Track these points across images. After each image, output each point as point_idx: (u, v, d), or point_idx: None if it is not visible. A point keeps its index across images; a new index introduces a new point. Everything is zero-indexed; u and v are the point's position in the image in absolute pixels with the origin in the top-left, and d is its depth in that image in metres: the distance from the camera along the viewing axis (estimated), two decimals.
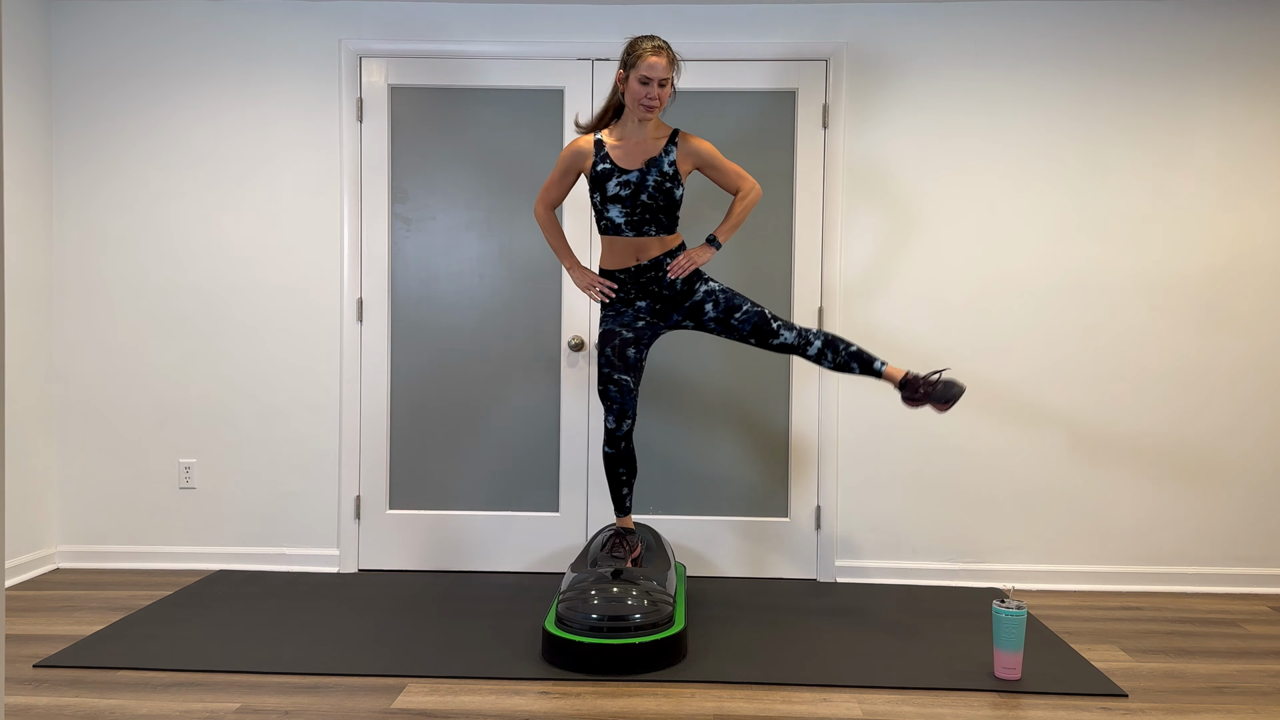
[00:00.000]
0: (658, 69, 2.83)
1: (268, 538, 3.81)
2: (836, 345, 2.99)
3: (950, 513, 3.71)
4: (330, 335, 3.77)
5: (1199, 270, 3.65)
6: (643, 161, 2.95)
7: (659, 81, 2.85)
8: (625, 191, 2.95)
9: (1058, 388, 3.68)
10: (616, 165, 2.96)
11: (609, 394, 3.05)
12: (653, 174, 2.94)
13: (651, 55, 2.83)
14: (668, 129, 3.01)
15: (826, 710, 2.48)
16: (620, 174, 2.95)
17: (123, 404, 3.80)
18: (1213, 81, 3.62)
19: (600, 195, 2.98)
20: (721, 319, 3.00)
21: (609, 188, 2.96)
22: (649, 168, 2.94)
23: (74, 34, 3.74)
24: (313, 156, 3.74)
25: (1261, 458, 3.66)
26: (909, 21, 3.65)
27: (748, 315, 2.98)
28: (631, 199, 2.95)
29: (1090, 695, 2.59)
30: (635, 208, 2.96)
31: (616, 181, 2.95)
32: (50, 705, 2.46)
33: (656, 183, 2.94)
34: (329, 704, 2.48)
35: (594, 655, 2.68)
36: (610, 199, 2.97)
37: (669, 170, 2.95)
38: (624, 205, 2.96)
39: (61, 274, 3.79)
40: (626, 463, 3.13)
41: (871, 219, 3.69)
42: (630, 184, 2.94)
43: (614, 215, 2.98)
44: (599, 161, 2.97)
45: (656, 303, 3.04)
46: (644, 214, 2.97)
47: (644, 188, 2.94)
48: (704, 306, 3.00)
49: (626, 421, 3.06)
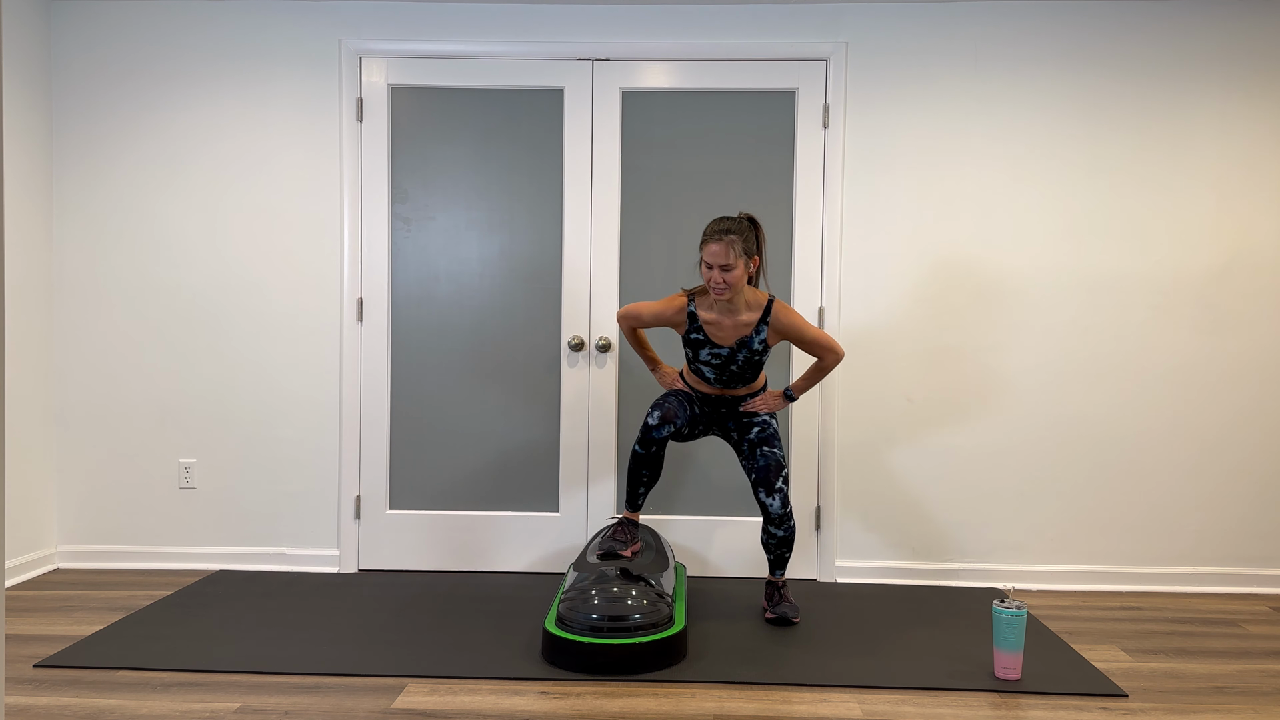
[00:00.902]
0: (716, 256, 2.88)
1: (268, 538, 3.81)
2: (785, 544, 3.13)
3: (950, 513, 3.71)
4: (330, 335, 3.77)
5: (1199, 270, 3.65)
6: (735, 340, 3.04)
7: (720, 268, 2.89)
8: (716, 361, 3.09)
9: (1058, 387, 3.68)
10: (709, 339, 3.05)
11: (667, 399, 3.09)
12: (743, 352, 3.05)
13: (712, 242, 2.89)
14: (762, 301, 3.03)
15: (826, 710, 2.48)
16: (713, 347, 3.06)
17: (123, 404, 3.80)
18: (1213, 81, 3.62)
19: (692, 353, 3.11)
20: (755, 443, 3.13)
21: (701, 354, 3.09)
22: (740, 348, 3.04)
23: (74, 34, 3.74)
24: (313, 156, 3.74)
25: (1261, 457, 3.66)
26: (909, 21, 3.65)
27: (772, 457, 3.09)
28: (722, 368, 3.10)
29: (1090, 695, 2.59)
30: (724, 373, 3.10)
31: (709, 352, 3.07)
32: (50, 705, 2.46)
33: (746, 358, 3.06)
34: (329, 704, 2.48)
35: (594, 655, 2.68)
36: (702, 362, 3.11)
37: (759, 348, 3.05)
38: (714, 370, 3.10)
39: (61, 274, 3.79)
40: (653, 467, 3.13)
41: (871, 219, 3.68)
42: (721, 357, 3.07)
43: (704, 371, 3.13)
44: (692, 331, 3.08)
45: (724, 408, 3.21)
46: (732, 378, 3.12)
47: (734, 361, 3.07)
48: (753, 425, 3.16)
49: (668, 427, 3.03)
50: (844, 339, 3.68)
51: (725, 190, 3.69)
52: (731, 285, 2.91)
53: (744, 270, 2.93)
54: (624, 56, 3.68)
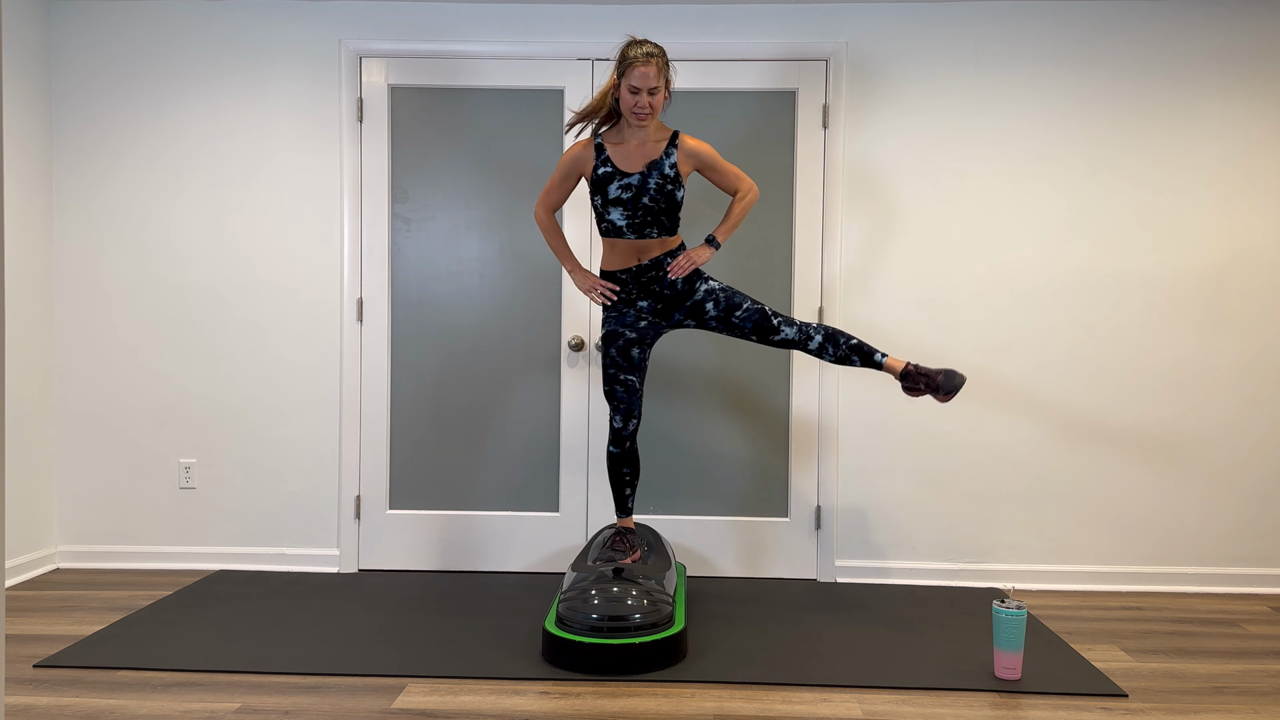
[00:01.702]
0: (647, 78, 2.82)
1: (268, 538, 3.81)
2: (837, 339, 2.98)
3: (950, 512, 3.71)
4: (330, 335, 3.77)
5: (1199, 270, 3.65)
6: (644, 164, 2.96)
7: (649, 90, 2.84)
8: (627, 195, 2.95)
9: (1057, 387, 3.68)
10: (618, 169, 2.96)
11: (615, 394, 3.06)
12: (654, 177, 2.94)
13: (640, 64, 2.82)
14: (668, 131, 3.01)
15: (826, 710, 2.48)
16: (621, 177, 2.95)
17: (123, 404, 3.80)
18: (1213, 81, 3.62)
19: (602, 198, 2.99)
20: (722, 317, 3.00)
21: (610, 191, 2.96)
22: (650, 170, 2.95)
23: (74, 34, 3.74)
24: (313, 156, 3.74)
25: (1261, 457, 3.66)
26: (909, 21, 3.65)
27: (748, 313, 2.99)
28: (633, 202, 2.95)
29: (1090, 695, 2.59)
30: (637, 210, 2.96)
31: (618, 185, 2.95)
32: (50, 705, 2.46)
33: (658, 185, 2.94)
34: (329, 704, 2.48)
35: (594, 655, 2.68)
36: (612, 202, 2.97)
37: (670, 173, 2.95)
38: (626, 208, 2.97)
39: (61, 274, 3.79)
40: (631, 463, 3.14)
41: (871, 218, 3.69)
42: (632, 187, 2.95)
43: (615, 218, 2.99)
44: (600, 165, 2.98)
45: (658, 302, 3.05)
46: (645, 216, 2.97)
47: (645, 190, 2.94)
48: (705, 305, 3.01)
49: (633, 421, 3.08)
50: None
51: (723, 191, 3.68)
52: (654, 110, 2.88)
53: (664, 95, 2.89)
54: None
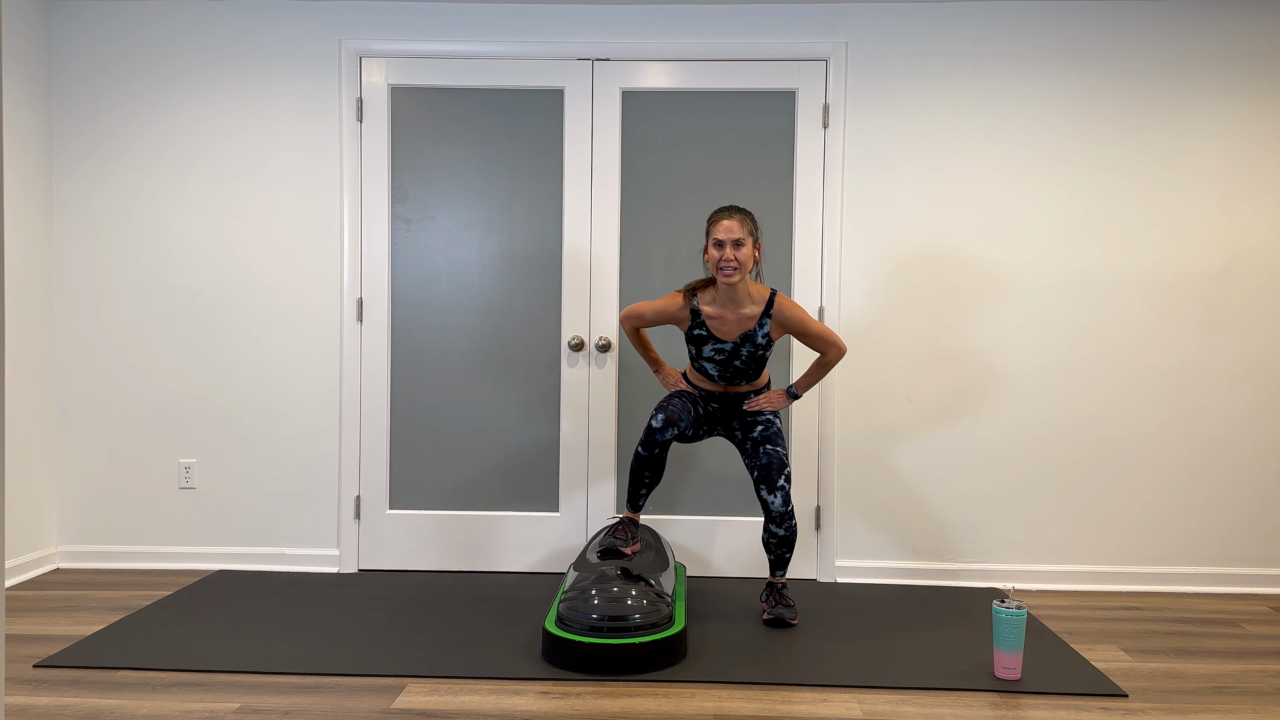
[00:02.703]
0: (731, 230, 2.91)
1: (268, 538, 3.81)
2: (785, 544, 3.12)
3: (950, 512, 3.71)
4: (330, 335, 3.77)
5: (1199, 270, 3.65)
6: (738, 335, 3.04)
7: (733, 243, 2.91)
8: (720, 357, 3.08)
9: (1058, 387, 3.68)
10: (712, 334, 3.05)
11: (671, 402, 3.07)
12: (746, 346, 3.04)
13: (724, 218, 2.94)
14: (765, 294, 3.04)
15: (826, 710, 2.48)
16: (716, 342, 3.05)
17: (123, 404, 3.80)
18: (1213, 81, 3.62)
19: (695, 350, 3.10)
20: (759, 440, 3.11)
21: (704, 350, 3.08)
22: (744, 342, 3.04)
23: (74, 34, 3.74)
24: (313, 157, 3.74)
25: (1261, 457, 3.66)
26: (909, 21, 3.65)
27: (775, 455, 3.08)
28: (725, 364, 3.08)
29: (1090, 695, 2.59)
30: (728, 370, 3.09)
31: (712, 348, 3.07)
32: (50, 705, 2.46)
33: (750, 353, 3.06)
34: (329, 704, 2.48)
35: (594, 655, 2.68)
36: (705, 359, 3.10)
37: (762, 342, 3.04)
38: (717, 365, 3.09)
39: (61, 274, 3.79)
40: (655, 469, 3.14)
41: (871, 219, 3.69)
42: (724, 352, 3.06)
43: (707, 368, 3.12)
44: (695, 326, 3.07)
45: (730, 407, 3.19)
46: (735, 374, 3.11)
47: (738, 356, 3.06)
48: (758, 424, 3.14)
49: (672, 430, 3.02)
50: (844, 339, 3.68)
51: (725, 190, 3.69)
52: (742, 265, 2.92)
53: (752, 251, 2.95)
54: (624, 56, 3.68)
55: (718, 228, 2.94)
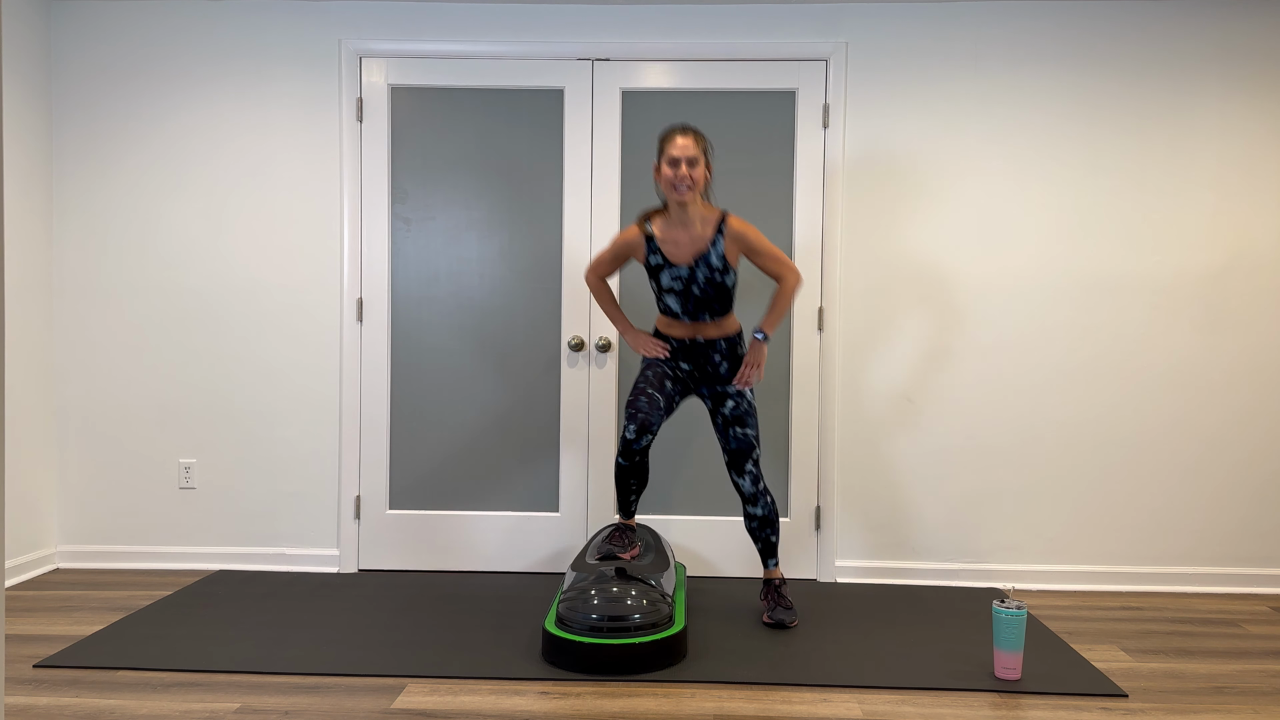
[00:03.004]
0: (686, 148, 2.90)
1: (268, 538, 3.81)
2: (770, 524, 3.14)
3: (950, 512, 3.71)
4: (330, 335, 3.77)
5: (1199, 270, 3.65)
6: (692, 256, 3.02)
7: (687, 161, 2.90)
8: (679, 286, 3.04)
9: (1057, 387, 3.68)
10: (668, 260, 3.03)
11: (638, 403, 3.01)
12: (701, 269, 3.01)
13: (678, 135, 2.92)
14: (715, 214, 3.04)
15: (826, 710, 2.48)
16: (672, 268, 3.03)
17: (123, 404, 3.80)
18: (1213, 81, 3.62)
19: (656, 285, 3.09)
20: (729, 420, 3.09)
21: (663, 280, 3.06)
22: (698, 264, 3.01)
23: (74, 34, 3.74)
24: (313, 156, 3.74)
25: (1261, 457, 3.66)
26: (909, 21, 3.65)
27: (744, 439, 3.08)
28: (685, 293, 3.05)
29: (1090, 695, 2.59)
30: (689, 300, 3.05)
31: (669, 276, 3.04)
32: (50, 705, 2.46)
33: (707, 277, 3.02)
34: (329, 704, 2.48)
35: (594, 655, 2.68)
36: (666, 290, 3.07)
37: (717, 264, 3.01)
38: (679, 297, 3.06)
39: (61, 274, 3.79)
40: (639, 475, 3.13)
41: (871, 219, 3.69)
42: (682, 279, 3.03)
43: (671, 303, 3.09)
44: (650, 254, 3.06)
45: (698, 371, 3.15)
46: (698, 305, 3.06)
47: (695, 282, 3.02)
48: (727, 401, 3.11)
49: (647, 436, 3.00)
50: (844, 339, 3.68)
51: (725, 190, 3.69)
52: (696, 183, 2.93)
53: (704, 170, 2.95)
54: (624, 56, 3.68)
55: (672, 145, 2.91)
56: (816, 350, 3.70)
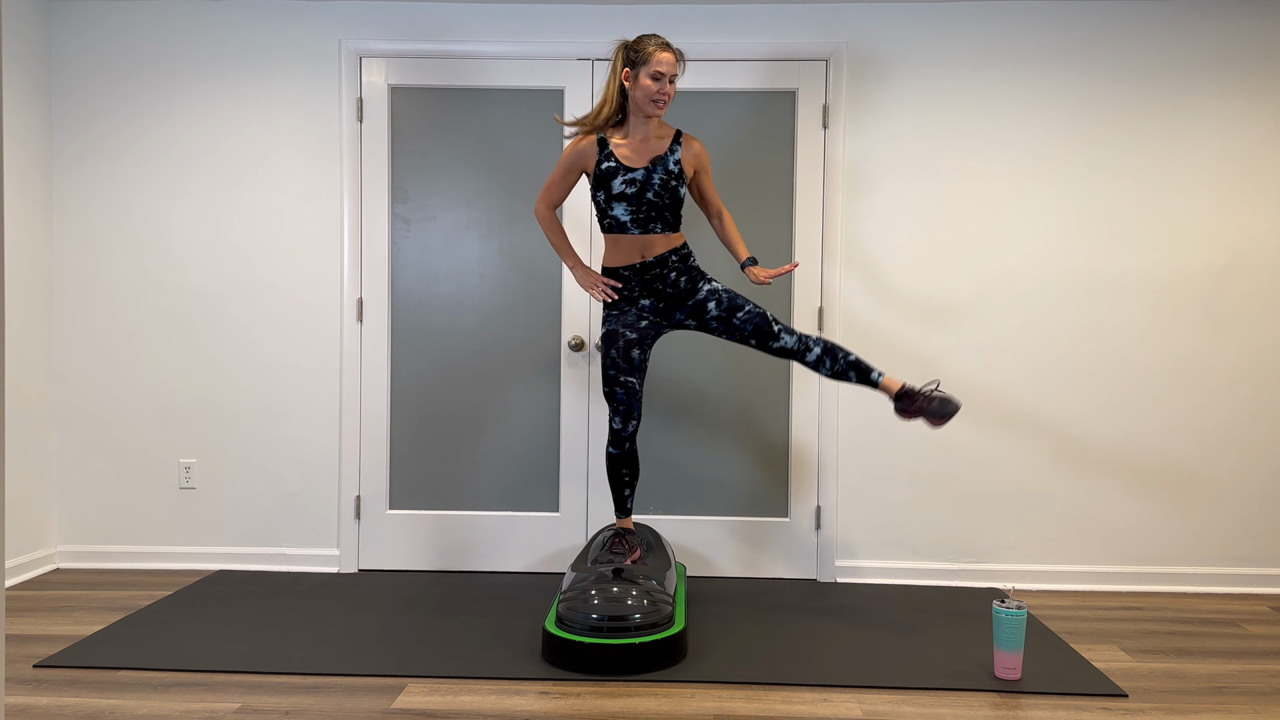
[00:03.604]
0: (670, 65, 2.90)
1: (268, 538, 3.81)
2: (835, 353, 2.98)
3: (950, 513, 3.71)
4: (330, 335, 3.77)
5: (1199, 270, 3.65)
6: (649, 160, 2.98)
7: (670, 77, 2.91)
8: (631, 190, 2.96)
9: (1057, 387, 3.68)
10: (622, 164, 2.98)
11: (615, 395, 3.05)
12: (658, 172, 2.96)
13: (662, 51, 2.89)
14: (670, 129, 3.05)
15: (826, 710, 2.48)
16: (626, 172, 2.97)
17: (123, 404, 3.80)
18: (1213, 81, 3.62)
19: (605, 193, 3.00)
20: (724, 318, 3.00)
21: (614, 186, 2.98)
22: (655, 165, 2.97)
23: (74, 34, 3.74)
24: (313, 156, 3.74)
25: (1262, 458, 3.66)
26: (909, 21, 3.65)
27: (749, 315, 2.98)
28: (638, 197, 2.97)
29: (1090, 695, 2.59)
30: (641, 205, 2.98)
31: (622, 179, 2.97)
32: (50, 705, 2.46)
33: (663, 180, 2.97)
34: (329, 704, 2.48)
35: (594, 655, 2.68)
36: (615, 197, 2.98)
37: (674, 169, 2.98)
38: (630, 203, 2.98)
39: (61, 274, 3.79)
40: (630, 464, 3.13)
41: (871, 219, 3.68)
42: (636, 182, 2.96)
43: (619, 213, 3.00)
44: (603, 159, 2.99)
45: (660, 301, 3.05)
46: (650, 211, 2.99)
47: (650, 185, 2.96)
48: (707, 305, 3.01)
49: (632, 422, 3.06)
50: (843, 339, 3.68)
51: (725, 190, 3.68)
52: (669, 99, 2.94)
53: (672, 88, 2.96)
54: None
55: (658, 60, 2.88)
56: None
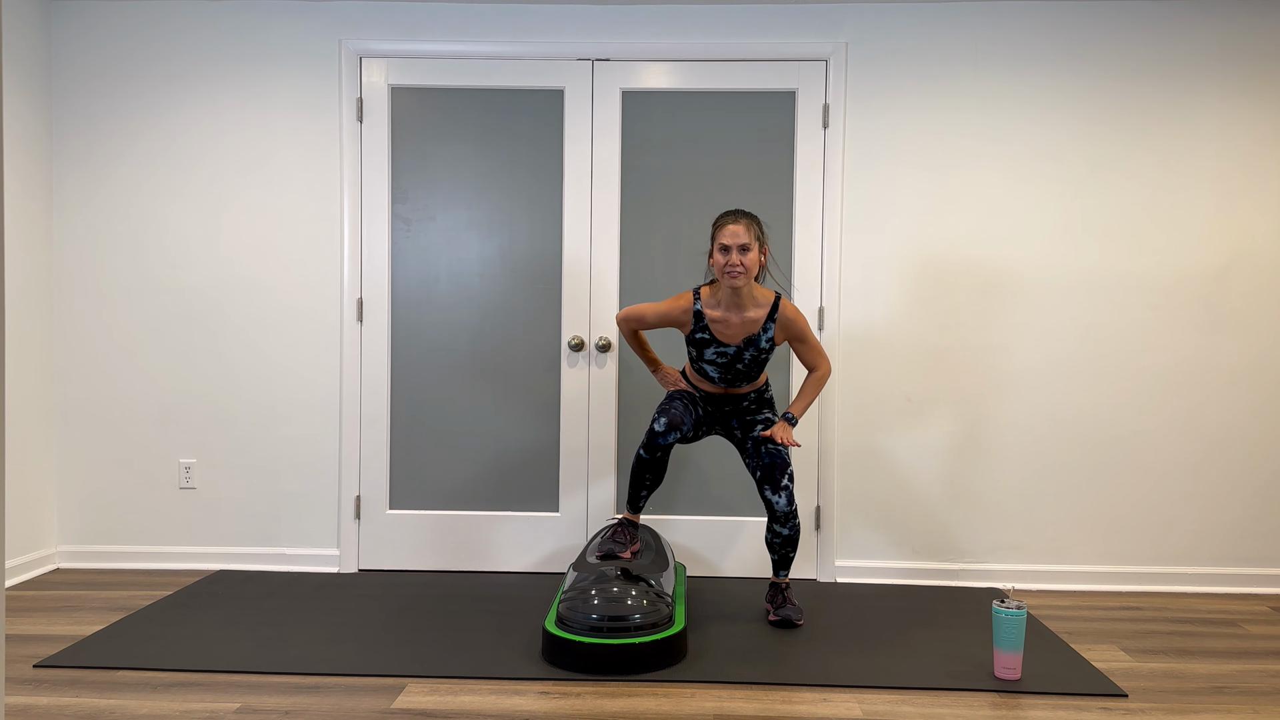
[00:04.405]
0: (737, 235, 2.89)
1: (268, 538, 3.81)
2: (789, 543, 3.11)
3: (950, 513, 3.71)
4: (330, 335, 3.77)
5: (1199, 270, 3.65)
6: (741, 338, 3.03)
7: (739, 248, 2.89)
8: (722, 360, 3.06)
9: (1058, 386, 3.68)
10: (715, 338, 3.04)
11: (673, 403, 3.07)
12: (750, 351, 3.03)
13: (729, 223, 2.92)
14: (770, 297, 3.04)
15: (826, 710, 2.48)
16: (719, 345, 3.04)
17: (123, 404, 3.80)
18: (1213, 81, 3.62)
19: (697, 351, 3.08)
20: (759, 440, 3.10)
21: (706, 354, 3.07)
22: (746, 346, 3.03)
23: (74, 34, 3.74)
24: (313, 157, 3.74)
25: (1261, 457, 3.66)
26: (909, 21, 3.65)
27: (777, 451, 3.07)
28: (728, 366, 3.07)
29: (1090, 695, 2.59)
30: (729, 372, 3.08)
31: (714, 351, 3.05)
32: (50, 705, 2.46)
33: (753, 356, 3.05)
34: (329, 704, 2.48)
35: (594, 655, 2.68)
36: (707, 361, 3.08)
37: (765, 346, 3.04)
38: (719, 368, 3.08)
39: (61, 274, 3.79)
40: (656, 472, 3.14)
41: (871, 219, 3.69)
42: (727, 355, 3.05)
43: (708, 370, 3.11)
44: (698, 330, 3.05)
45: (728, 407, 3.20)
46: (736, 376, 3.10)
47: (740, 360, 3.05)
48: (756, 424, 3.14)
49: (675, 433, 3.02)
50: (843, 339, 3.69)
51: (725, 190, 3.69)
52: (748, 269, 2.91)
53: (758, 255, 2.95)
54: (624, 56, 3.68)
55: (723, 233, 2.91)
56: None
